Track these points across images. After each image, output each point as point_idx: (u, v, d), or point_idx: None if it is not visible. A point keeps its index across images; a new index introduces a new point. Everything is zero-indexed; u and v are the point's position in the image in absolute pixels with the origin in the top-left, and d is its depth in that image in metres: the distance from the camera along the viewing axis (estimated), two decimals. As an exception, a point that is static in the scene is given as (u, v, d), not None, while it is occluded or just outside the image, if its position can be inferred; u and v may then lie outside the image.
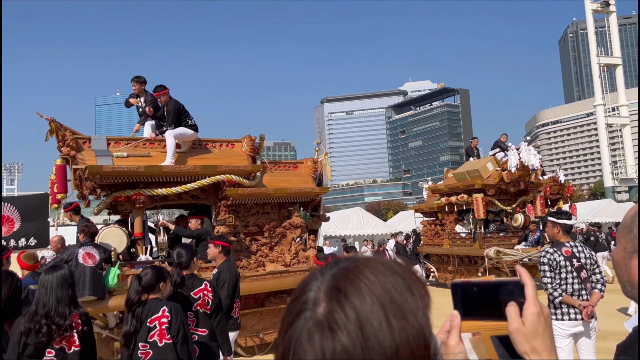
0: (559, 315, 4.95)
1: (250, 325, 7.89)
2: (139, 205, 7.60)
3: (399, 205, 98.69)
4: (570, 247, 5.00)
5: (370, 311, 0.69)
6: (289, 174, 8.69)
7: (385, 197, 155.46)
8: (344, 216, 26.40)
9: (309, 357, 0.68)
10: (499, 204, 14.57)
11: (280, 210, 8.45)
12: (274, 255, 8.29)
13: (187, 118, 7.91)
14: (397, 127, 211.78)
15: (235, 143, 8.41)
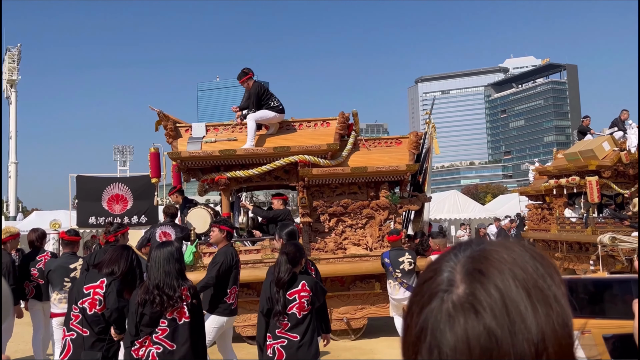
0: None
1: (336, 309, 7.83)
2: (222, 187, 8.13)
3: (498, 188, 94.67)
4: None
5: (515, 294, 0.66)
6: (385, 151, 8.21)
7: (483, 179, 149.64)
8: (440, 199, 25.89)
9: (450, 339, 0.65)
10: (615, 187, 13.44)
11: (367, 190, 8.16)
12: (356, 237, 8.08)
13: (270, 100, 8.13)
14: (497, 106, 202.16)
15: (330, 121, 8.36)
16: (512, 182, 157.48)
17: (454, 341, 0.64)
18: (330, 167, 7.85)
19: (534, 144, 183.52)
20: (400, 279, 6.93)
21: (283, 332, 4.10)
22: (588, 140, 14.75)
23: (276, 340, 4.10)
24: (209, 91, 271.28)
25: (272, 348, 4.09)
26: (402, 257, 7.02)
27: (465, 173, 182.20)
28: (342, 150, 8.12)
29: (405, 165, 7.80)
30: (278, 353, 4.06)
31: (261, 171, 8.01)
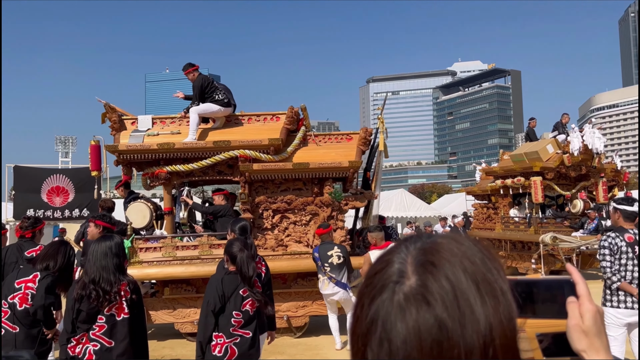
0: (615, 303, 4.80)
1: (278, 307, 7.51)
2: (163, 181, 7.96)
3: (443, 188, 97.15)
4: (634, 235, 4.84)
5: (465, 285, 0.67)
6: (333, 147, 8.05)
7: (429, 179, 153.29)
8: (388, 198, 26.23)
9: (401, 331, 0.65)
10: (557, 188, 13.91)
11: (312, 187, 7.95)
12: (297, 234, 7.93)
13: (215, 93, 7.94)
14: (444, 108, 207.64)
15: (280, 116, 8.16)
16: (457, 182, 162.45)
17: (405, 333, 0.64)
18: (272, 162, 7.65)
19: (478, 146, 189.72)
20: (329, 273, 6.82)
21: (237, 329, 4.02)
22: (534, 143, 15.11)
23: (230, 338, 3.99)
24: (158, 82, 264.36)
25: (223, 347, 3.96)
26: (331, 250, 6.90)
27: (412, 173, 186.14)
28: (289, 146, 7.95)
29: (348, 161, 7.58)
30: (230, 351, 3.95)
31: (201, 165, 7.78)
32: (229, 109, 8.16)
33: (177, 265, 7.52)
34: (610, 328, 4.82)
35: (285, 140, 7.93)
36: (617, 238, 4.80)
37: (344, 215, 8.07)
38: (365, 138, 8.03)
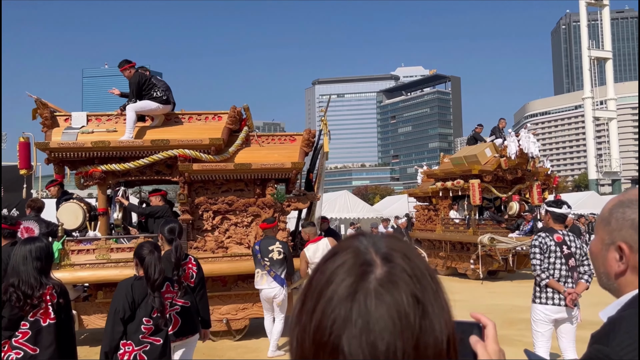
0: (543, 300, 5.02)
1: (217, 309, 7.52)
2: (97, 181, 7.69)
3: (386, 190, 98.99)
4: (563, 235, 5.10)
5: (424, 275, 0.69)
6: (277, 148, 7.98)
7: (372, 181, 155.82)
8: (331, 199, 26.41)
9: (382, 313, 0.64)
10: (495, 191, 14.39)
11: (254, 188, 7.86)
12: (238, 236, 7.79)
13: (153, 90, 7.73)
14: (387, 111, 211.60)
15: (222, 115, 8.03)
16: (399, 184, 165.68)
17: (386, 316, 0.64)
18: (213, 162, 7.51)
19: (419, 149, 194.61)
20: (269, 267, 6.74)
21: (147, 337, 3.83)
22: (473, 146, 15.59)
23: (139, 346, 3.80)
24: (96, 78, 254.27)
25: (132, 355, 3.78)
26: (272, 245, 6.80)
27: (356, 174, 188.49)
28: (231, 146, 7.83)
29: (291, 162, 7.55)
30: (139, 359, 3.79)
31: (138, 165, 7.54)
32: (168, 107, 7.96)
33: (111, 267, 7.25)
34: (538, 324, 5.05)
35: (227, 140, 7.82)
36: (547, 238, 5.04)
37: (287, 216, 8.04)
38: (308, 139, 8.04)
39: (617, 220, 1.20)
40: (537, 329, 5.09)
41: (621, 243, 1.18)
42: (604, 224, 1.23)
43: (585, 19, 68.22)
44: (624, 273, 1.19)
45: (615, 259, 1.20)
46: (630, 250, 1.17)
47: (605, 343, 1.07)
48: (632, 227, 1.17)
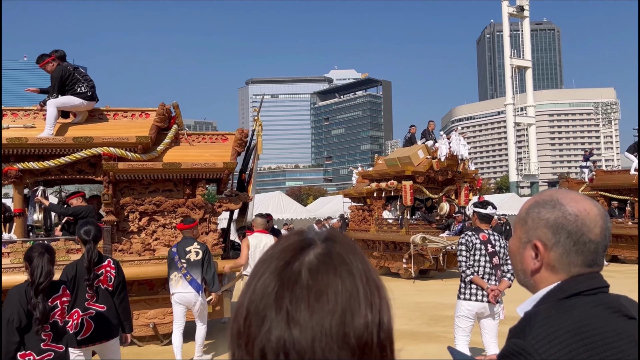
0: (467, 295, 5.22)
1: (144, 314, 7.28)
2: (13, 180, 7.25)
3: (319, 191, 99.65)
4: (488, 234, 5.34)
5: (369, 268, 0.70)
6: (208, 147, 7.76)
7: (306, 182, 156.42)
8: (264, 200, 26.28)
9: (319, 286, 0.65)
10: (427, 191, 14.68)
11: (184, 188, 7.60)
12: (166, 238, 7.50)
13: (76, 85, 7.36)
14: (321, 113, 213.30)
15: (150, 113, 7.74)
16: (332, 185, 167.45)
17: (334, 285, 0.65)
18: (140, 161, 7.21)
19: (352, 151, 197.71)
20: (185, 270, 6.36)
21: (48, 344, 3.60)
22: (406, 148, 15.87)
23: (40, 355, 3.56)
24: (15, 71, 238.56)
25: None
26: (190, 246, 6.43)
27: (290, 175, 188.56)
28: (159, 144, 7.56)
29: (223, 162, 7.35)
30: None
31: (59, 163, 7.12)
32: (92, 103, 7.59)
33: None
34: (460, 319, 5.26)
35: (155, 139, 7.55)
36: (473, 236, 5.27)
37: (218, 217, 7.87)
38: (241, 139, 7.91)
39: (533, 220, 1.25)
40: (459, 324, 5.28)
41: (537, 241, 1.23)
42: (521, 223, 1.28)
43: (508, 29, 72.03)
44: (539, 270, 1.23)
45: (531, 257, 1.24)
46: (545, 248, 1.22)
47: (522, 337, 1.10)
48: (546, 226, 1.22)
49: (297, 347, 0.62)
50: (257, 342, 0.64)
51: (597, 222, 1.20)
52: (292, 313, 0.63)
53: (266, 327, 0.63)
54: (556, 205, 1.22)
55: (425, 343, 7.10)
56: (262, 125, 8.50)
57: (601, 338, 1.08)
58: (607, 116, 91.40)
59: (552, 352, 1.06)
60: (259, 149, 8.30)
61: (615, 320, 1.13)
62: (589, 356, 1.05)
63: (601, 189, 18.63)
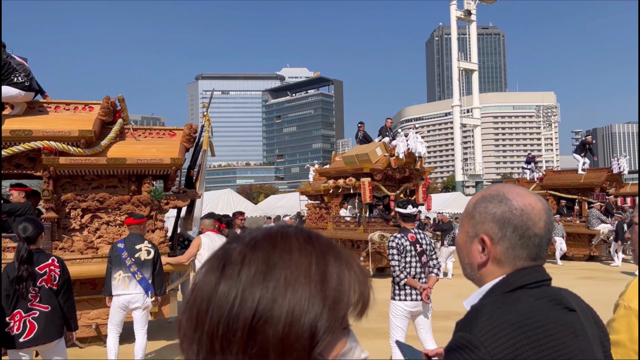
0: (402, 297, 5.30)
1: (86, 314, 7.02)
2: None
3: (270, 189, 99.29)
4: (415, 234, 5.42)
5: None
6: (155, 143, 7.54)
7: (257, 180, 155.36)
8: (214, 197, 25.85)
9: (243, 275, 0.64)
10: (384, 189, 14.64)
11: (129, 184, 7.33)
12: (110, 236, 7.23)
13: (13, 75, 6.99)
14: (273, 111, 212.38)
15: (94, 106, 7.45)
16: (284, 183, 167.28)
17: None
18: (83, 156, 6.92)
19: (303, 150, 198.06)
20: (135, 268, 5.94)
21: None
22: (364, 145, 15.77)
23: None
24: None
25: None
26: (140, 244, 6.03)
27: (241, 173, 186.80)
28: (103, 139, 7.28)
29: (171, 158, 7.15)
30: None
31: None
32: (31, 94, 7.22)
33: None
34: (397, 319, 5.34)
35: (99, 133, 7.28)
36: (403, 238, 5.30)
37: (164, 215, 7.66)
38: (189, 135, 7.73)
39: (480, 214, 1.26)
40: (397, 324, 5.35)
41: (483, 235, 1.24)
42: (468, 217, 1.29)
43: (456, 32, 73.93)
44: (486, 263, 1.25)
45: (478, 251, 1.26)
46: (492, 242, 1.23)
47: (468, 330, 1.11)
48: (493, 221, 1.24)
49: (272, 314, 0.61)
50: (222, 323, 0.62)
51: (542, 216, 1.23)
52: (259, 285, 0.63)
53: (235, 304, 0.62)
54: (503, 200, 1.24)
55: (373, 339, 7.18)
56: (210, 120, 8.33)
57: (544, 330, 1.10)
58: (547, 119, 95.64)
59: (497, 344, 1.07)
60: (207, 144, 8.14)
61: (556, 312, 1.16)
62: (532, 347, 1.07)
63: (550, 188, 19.16)
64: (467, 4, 72.58)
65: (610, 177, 18.24)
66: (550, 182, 19.41)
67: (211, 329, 0.63)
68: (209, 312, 0.64)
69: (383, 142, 15.18)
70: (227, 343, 0.62)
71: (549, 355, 1.08)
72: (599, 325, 1.25)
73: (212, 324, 0.63)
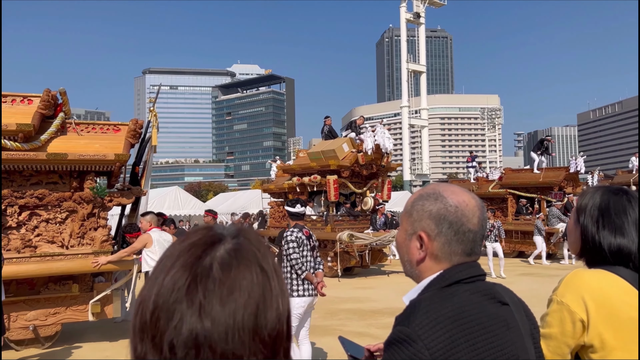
0: (301, 292, 5.25)
1: (23, 315, 6.73)
2: None
3: (219, 187, 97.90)
4: (308, 230, 5.55)
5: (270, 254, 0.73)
6: (98, 138, 7.28)
7: (206, 177, 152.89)
8: (161, 195, 25.29)
9: (232, 281, 0.65)
10: (351, 186, 14.19)
11: (71, 181, 7.10)
12: (50, 234, 6.99)
13: None
14: (223, 108, 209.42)
15: (34, 99, 7.11)
16: (233, 181, 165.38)
17: (230, 282, 0.65)
18: (20, 151, 6.60)
19: (254, 147, 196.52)
20: None
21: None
22: (330, 141, 15.10)
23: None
24: None
25: None
26: None
27: (189, 170, 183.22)
28: (43, 133, 6.96)
29: (114, 154, 6.93)
30: None
31: None
32: None
33: None
34: (295, 318, 5.21)
35: (38, 127, 6.96)
36: (300, 232, 5.36)
37: (108, 212, 7.43)
38: (134, 130, 7.52)
39: (417, 212, 1.30)
40: (294, 323, 5.25)
41: (421, 232, 1.28)
42: (407, 215, 1.33)
43: (405, 34, 75.27)
44: (424, 259, 1.29)
45: (416, 247, 1.29)
46: (429, 238, 1.28)
47: (406, 324, 1.15)
48: (429, 218, 1.28)
49: (209, 340, 0.62)
50: (166, 336, 0.63)
51: (475, 212, 1.28)
52: (205, 306, 0.63)
53: (176, 321, 0.63)
54: (438, 198, 1.29)
55: (320, 337, 7.24)
56: (157, 116, 8.14)
57: (478, 323, 1.16)
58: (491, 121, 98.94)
59: (434, 337, 1.11)
60: (153, 140, 7.94)
61: (490, 306, 1.21)
62: (467, 340, 1.12)
63: (510, 187, 19.17)
64: (417, 7, 74.04)
65: (568, 177, 18.40)
66: (510, 181, 19.41)
67: (159, 335, 0.64)
68: (158, 319, 0.64)
69: (350, 138, 14.66)
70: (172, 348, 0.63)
71: (483, 346, 1.13)
72: (530, 318, 1.32)
73: (157, 331, 0.64)
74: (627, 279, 1.60)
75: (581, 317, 1.57)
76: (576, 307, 1.58)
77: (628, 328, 1.55)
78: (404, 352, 1.11)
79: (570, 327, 1.59)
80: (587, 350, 1.59)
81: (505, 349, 1.17)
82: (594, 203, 1.72)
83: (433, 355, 1.09)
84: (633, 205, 1.68)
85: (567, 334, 1.59)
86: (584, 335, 1.58)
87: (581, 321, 1.57)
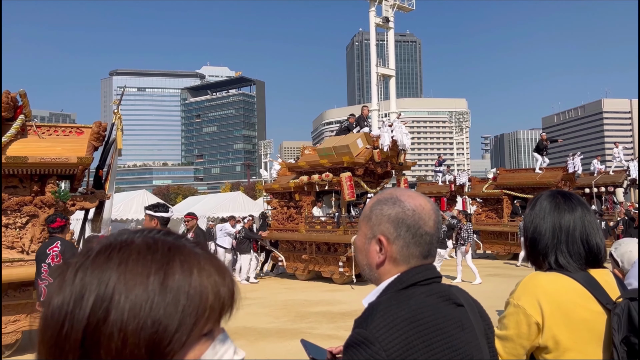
0: None
1: None
2: None
3: (189, 190, 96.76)
4: None
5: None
6: (60, 141, 7.12)
7: (175, 181, 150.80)
8: (128, 199, 24.80)
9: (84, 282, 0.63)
10: (365, 185, 13.04)
11: (31, 185, 6.93)
12: (9, 239, 6.77)
13: None
14: (192, 110, 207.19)
15: (-10, 100, 6.95)
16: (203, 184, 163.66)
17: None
18: None
19: (224, 150, 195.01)
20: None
21: None
22: (342, 137, 14.03)
23: None
24: None
25: None
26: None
27: (157, 173, 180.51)
28: (2, 136, 6.78)
29: (77, 157, 6.80)
30: None
31: None
32: None
33: None
34: None
35: (-3, 130, 6.75)
36: None
37: (71, 217, 7.25)
38: (98, 133, 7.38)
39: (376, 216, 1.32)
40: None
41: (380, 236, 1.30)
42: (366, 220, 1.35)
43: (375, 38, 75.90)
44: (383, 263, 1.31)
45: (376, 251, 1.31)
46: (388, 241, 1.30)
47: (364, 326, 1.16)
48: (388, 221, 1.30)
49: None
50: (54, 336, 0.60)
51: (431, 216, 1.31)
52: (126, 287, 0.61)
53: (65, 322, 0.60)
54: (396, 202, 1.31)
55: (289, 340, 7.22)
56: (122, 118, 8.00)
57: (433, 324, 1.18)
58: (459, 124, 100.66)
59: (391, 339, 1.13)
60: (118, 143, 7.80)
61: (445, 307, 1.24)
62: (423, 341, 1.15)
63: (505, 188, 18.45)
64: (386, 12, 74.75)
65: (565, 177, 17.83)
66: (505, 181, 18.58)
67: (51, 340, 0.61)
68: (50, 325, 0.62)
69: (364, 133, 13.40)
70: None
71: (438, 347, 1.16)
72: (484, 319, 1.35)
73: (49, 336, 0.62)
74: (580, 281, 1.66)
75: (536, 319, 1.62)
76: (532, 310, 1.63)
77: (581, 329, 1.61)
78: (362, 354, 1.13)
79: (525, 330, 1.64)
80: (542, 351, 1.65)
81: (460, 349, 1.20)
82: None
83: (390, 356, 1.11)
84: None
85: (523, 336, 1.64)
86: (539, 337, 1.63)
87: (536, 324, 1.62)
